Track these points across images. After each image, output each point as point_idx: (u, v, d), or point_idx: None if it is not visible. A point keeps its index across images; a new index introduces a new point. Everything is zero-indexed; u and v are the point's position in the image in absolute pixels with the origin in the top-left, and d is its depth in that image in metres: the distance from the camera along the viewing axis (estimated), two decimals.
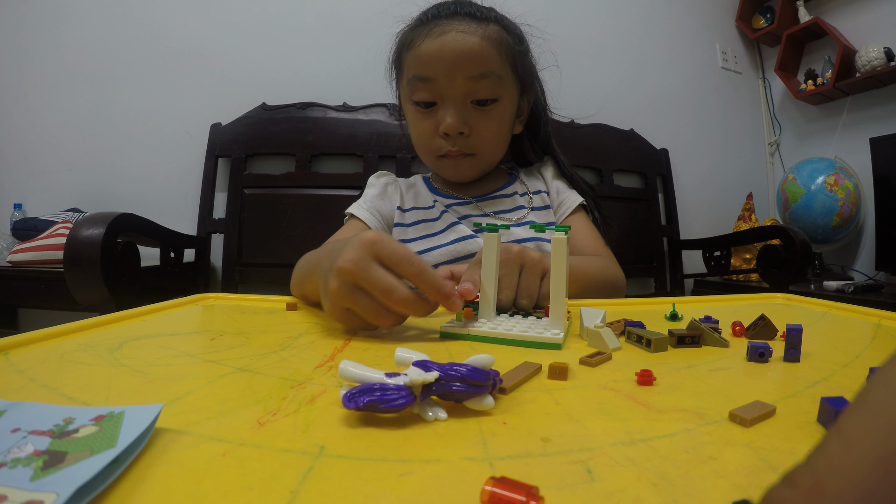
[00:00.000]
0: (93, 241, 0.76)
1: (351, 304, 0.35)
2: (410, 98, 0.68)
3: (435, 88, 0.65)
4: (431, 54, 0.64)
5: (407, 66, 0.68)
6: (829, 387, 0.26)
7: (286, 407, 0.22)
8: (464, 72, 0.64)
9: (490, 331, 0.36)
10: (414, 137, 0.73)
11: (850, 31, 1.66)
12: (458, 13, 0.66)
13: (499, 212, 0.74)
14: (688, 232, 1.69)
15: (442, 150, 0.69)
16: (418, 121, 0.70)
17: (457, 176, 0.74)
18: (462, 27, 0.64)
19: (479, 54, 0.64)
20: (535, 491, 0.14)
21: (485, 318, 0.39)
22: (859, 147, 1.59)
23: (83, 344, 0.33)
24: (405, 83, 0.69)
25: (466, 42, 0.63)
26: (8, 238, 1.28)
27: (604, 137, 1.58)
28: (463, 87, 0.65)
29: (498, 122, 0.69)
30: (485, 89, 0.65)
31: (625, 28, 1.74)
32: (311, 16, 1.46)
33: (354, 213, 0.74)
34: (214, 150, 1.35)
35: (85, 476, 0.14)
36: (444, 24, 0.65)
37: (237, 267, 1.28)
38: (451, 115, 0.66)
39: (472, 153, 0.69)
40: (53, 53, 1.39)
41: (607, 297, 0.65)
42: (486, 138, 0.69)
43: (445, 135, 0.67)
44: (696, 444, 0.19)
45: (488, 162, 0.74)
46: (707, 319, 0.39)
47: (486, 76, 0.65)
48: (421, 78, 0.65)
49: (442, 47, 0.63)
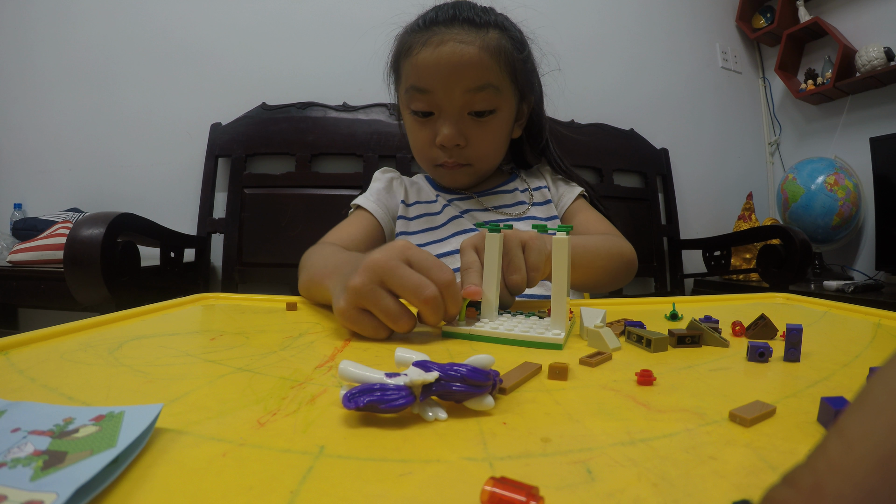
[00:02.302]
0: (93, 241, 0.76)
1: (372, 303, 0.34)
2: (408, 106, 0.68)
3: (432, 99, 0.65)
4: (429, 65, 0.63)
5: (405, 73, 0.67)
6: (829, 387, 0.26)
7: (286, 407, 0.22)
8: (461, 84, 0.63)
9: (491, 331, 0.36)
10: (411, 145, 0.74)
11: (850, 31, 1.66)
12: (457, 18, 0.64)
13: (500, 206, 0.74)
14: (688, 232, 1.69)
15: (439, 160, 0.69)
16: (416, 129, 0.69)
17: (453, 184, 0.75)
18: (460, 36, 0.62)
19: (477, 66, 0.62)
20: (535, 491, 0.14)
21: (487, 318, 0.39)
22: (859, 147, 1.59)
23: (83, 344, 0.33)
24: (403, 91, 0.69)
25: (464, 53, 0.62)
26: (8, 238, 1.28)
27: (604, 137, 1.58)
28: (460, 100, 0.64)
29: (495, 133, 0.69)
30: (482, 101, 0.64)
31: (625, 28, 1.74)
32: (312, 16, 1.46)
33: (361, 204, 0.74)
34: (214, 149, 1.35)
35: (85, 476, 0.14)
36: (442, 32, 0.63)
37: (237, 267, 1.28)
38: (447, 127, 0.65)
39: (468, 164, 0.69)
40: (53, 53, 1.39)
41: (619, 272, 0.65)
42: (482, 150, 0.69)
43: (442, 146, 0.67)
44: (696, 444, 0.19)
45: (485, 171, 0.74)
46: (707, 319, 0.39)
47: (483, 88, 0.64)
48: (418, 88, 0.65)
49: (439, 59, 0.62)
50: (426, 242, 0.70)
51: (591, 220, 0.74)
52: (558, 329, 0.36)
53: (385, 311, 0.34)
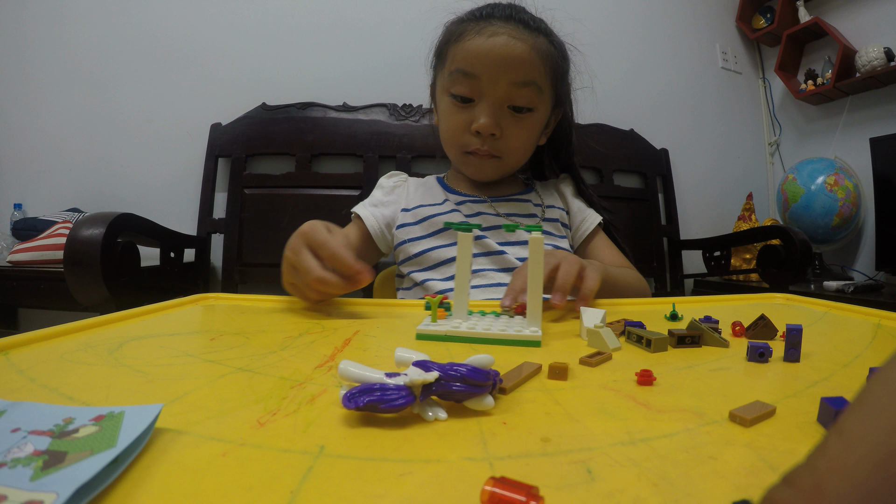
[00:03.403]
0: (93, 241, 0.76)
1: (293, 280, 0.46)
2: (448, 89, 0.68)
3: (476, 85, 0.66)
4: (480, 52, 0.64)
5: (451, 57, 0.68)
6: (829, 387, 0.26)
7: (286, 407, 0.22)
8: (508, 76, 0.64)
9: (469, 331, 0.36)
10: (443, 129, 0.73)
11: (850, 31, 1.66)
12: (513, 18, 0.66)
13: (511, 214, 0.74)
14: (688, 232, 1.69)
15: (470, 147, 0.70)
16: (452, 113, 0.70)
17: (478, 174, 0.75)
18: (514, 32, 0.64)
19: (526, 62, 0.64)
20: (535, 491, 0.14)
21: (459, 319, 0.39)
22: (859, 147, 1.59)
23: (83, 344, 0.33)
24: (446, 73, 0.69)
25: (516, 47, 0.64)
26: (8, 238, 1.28)
27: (604, 137, 1.58)
28: (504, 91, 0.65)
29: (528, 131, 0.70)
30: (524, 97, 0.66)
31: (625, 28, 1.74)
32: (312, 16, 1.47)
33: (357, 212, 0.76)
34: (214, 150, 1.35)
35: (85, 476, 0.14)
36: (497, 25, 0.65)
37: (237, 267, 1.28)
38: (486, 114, 0.66)
39: (498, 156, 0.70)
40: (53, 53, 1.40)
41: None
42: (514, 144, 0.70)
43: (477, 133, 0.68)
44: (696, 444, 0.19)
45: (511, 167, 0.75)
46: (707, 319, 0.39)
47: (528, 84, 0.65)
48: (464, 72, 0.66)
49: (492, 47, 0.64)
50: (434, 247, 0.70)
51: (608, 252, 0.76)
52: (535, 326, 0.36)
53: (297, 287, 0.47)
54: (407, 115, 1.42)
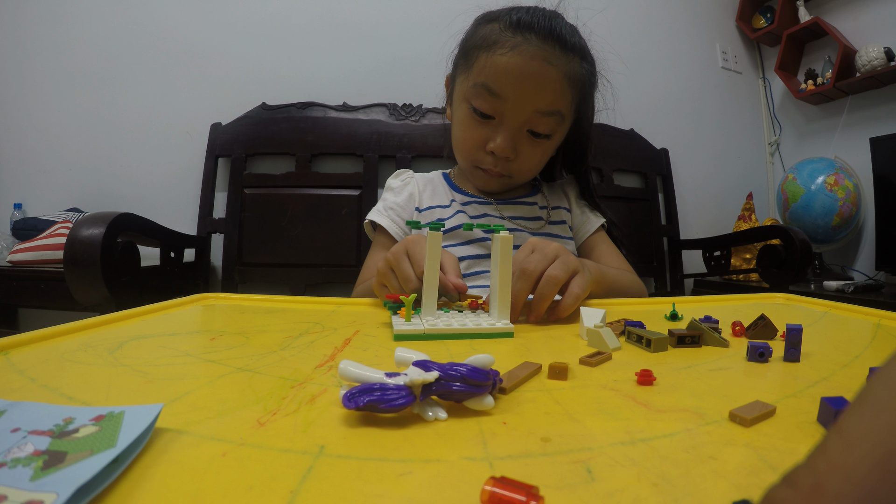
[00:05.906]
0: (93, 241, 0.76)
1: (386, 280, 0.50)
2: (470, 100, 0.66)
3: (499, 106, 0.64)
4: (510, 73, 0.61)
5: (479, 66, 0.64)
6: (829, 387, 0.26)
7: (286, 407, 0.22)
8: (534, 103, 0.63)
9: (446, 327, 0.37)
10: (457, 138, 0.71)
11: (850, 31, 1.66)
12: (552, 35, 0.62)
13: (516, 217, 0.74)
14: (688, 232, 1.69)
15: (482, 164, 0.69)
16: (469, 126, 0.68)
17: (485, 186, 0.75)
18: (550, 56, 0.62)
19: (556, 91, 0.63)
20: (535, 491, 0.14)
21: (430, 316, 0.40)
22: (859, 147, 1.59)
23: (83, 344, 0.33)
24: (470, 80, 0.66)
25: (548, 75, 0.62)
26: (8, 238, 1.28)
27: (604, 137, 1.58)
28: (527, 116, 0.64)
29: (543, 154, 0.70)
30: (545, 125, 0.65)
31: (625, 28, 1.74)
32: (312, 16, 1.46)
33: (377, 221, 0.75)
34: (214, 149, 1.35)
35: (85, 476, 0.14)
36: (534, 42, 0.61)
37: (237, 267, 1.28)
38: (504, 137, 0.65)
39: (509, 175, 0.70)
40: (53, 53, 1.39)
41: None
42: (527, 167, 0.70)
43: (492, 153, 0.66)
44: (696, 444, 0.19)
45: (518, 183, 0.75)
46: (707, 319, 0.39)
47: (552, 114, 0.64)
48: (490, 90, 0.63)
49: (523, 71, 0.61)
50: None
51: (609, 255, 0.76)
52: (505, 319, 0.39)
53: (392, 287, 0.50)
54: (407, 114, 1.42)
